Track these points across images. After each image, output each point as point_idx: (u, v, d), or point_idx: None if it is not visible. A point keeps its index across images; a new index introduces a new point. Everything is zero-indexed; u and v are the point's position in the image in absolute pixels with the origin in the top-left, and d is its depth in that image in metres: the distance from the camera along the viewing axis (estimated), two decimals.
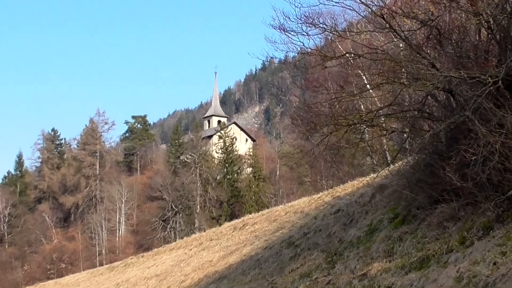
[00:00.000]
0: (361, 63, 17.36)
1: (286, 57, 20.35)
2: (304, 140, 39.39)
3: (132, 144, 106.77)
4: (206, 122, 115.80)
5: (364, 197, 22.95)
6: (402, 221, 16.65)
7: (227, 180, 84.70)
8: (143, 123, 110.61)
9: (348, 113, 16.93)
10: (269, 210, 41.55)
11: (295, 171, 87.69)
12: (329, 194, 33.05)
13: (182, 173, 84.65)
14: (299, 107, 21.30)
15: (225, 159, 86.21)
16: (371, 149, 28.94)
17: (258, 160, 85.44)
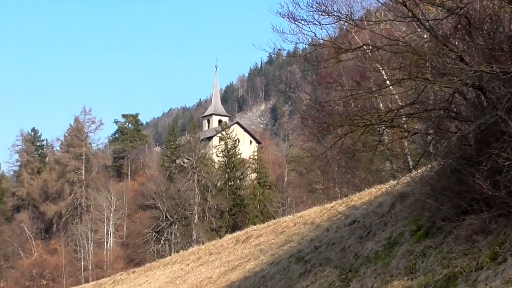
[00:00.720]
0: (380, 56, 17.33)
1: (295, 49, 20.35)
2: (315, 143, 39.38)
3: (122, 146, 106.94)
4: (205, 122, 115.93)
5: (383, 207, 22.90)
6: (425, 234, 16.61)
7: (228, 187, 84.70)
8: (134, 123, 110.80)
9: (365, 113, 16.91)
10: (275, 221, 41.52)
11: (305, 177, 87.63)
12: (343, 203, 33.00)
13: (178, 179, 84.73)
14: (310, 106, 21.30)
15: (227, 164, 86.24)
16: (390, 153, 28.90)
17: (263, 165, 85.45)
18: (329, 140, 20.53)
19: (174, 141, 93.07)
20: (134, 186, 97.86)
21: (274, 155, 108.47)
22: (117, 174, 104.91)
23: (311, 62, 18.08)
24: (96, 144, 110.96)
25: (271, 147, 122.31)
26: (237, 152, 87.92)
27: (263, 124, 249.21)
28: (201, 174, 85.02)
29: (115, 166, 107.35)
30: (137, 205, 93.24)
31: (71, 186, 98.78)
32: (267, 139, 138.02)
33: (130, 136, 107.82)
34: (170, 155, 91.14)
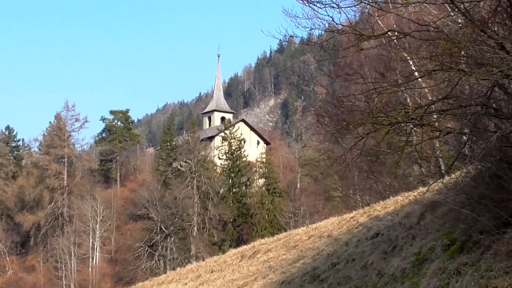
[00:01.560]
0: (408, 44, 17.32)
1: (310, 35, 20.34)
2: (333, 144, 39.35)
3: (110, 147, 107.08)
4: (206, 120, 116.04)
5: (411, 218, 22.88)
6: (460, 249, 16.60)
7: (232, 195, 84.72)
8: (124, 120, 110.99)
9: (390, 109, 16.90)
10: (287, 234, 41.53)
11: (321, 183, 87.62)
12: (364, 213, 33.00)
13: (174, 185, 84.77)
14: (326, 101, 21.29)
15: (231, 168, 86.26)
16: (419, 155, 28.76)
17: (273, 169, 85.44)
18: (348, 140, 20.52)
19: (170, 141, 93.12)
20: (123, 193, 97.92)
21: (285, 158, 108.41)
22: (104, 180, 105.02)
23: (328, 51, 18.07)
24: (80, 144, 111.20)
25: (282, 149, 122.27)
26: (243, 154, 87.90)
27: (273, 122, 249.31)
28: (201, 180, 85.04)
29: (102, 170, 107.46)
30: (127, 215, 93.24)
31: (51, 193, 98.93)
32: (277, 139, 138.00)
33: (119, 135, 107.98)
34: (166, 158, 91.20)
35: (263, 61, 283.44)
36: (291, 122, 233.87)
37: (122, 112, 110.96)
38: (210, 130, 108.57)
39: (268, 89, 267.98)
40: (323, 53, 18.62)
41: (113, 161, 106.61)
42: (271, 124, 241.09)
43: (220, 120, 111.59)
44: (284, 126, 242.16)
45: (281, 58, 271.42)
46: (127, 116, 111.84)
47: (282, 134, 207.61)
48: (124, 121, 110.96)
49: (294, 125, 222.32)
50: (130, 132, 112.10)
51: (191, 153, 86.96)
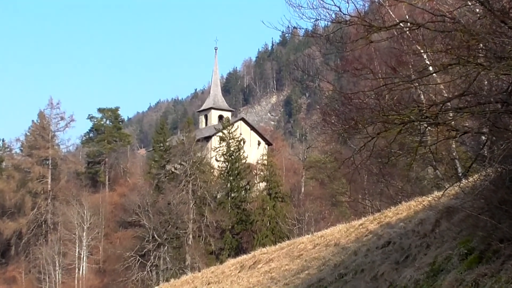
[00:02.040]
0: (422, 36, 17.32)
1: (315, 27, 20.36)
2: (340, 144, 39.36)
3: (98, 149, 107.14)
4: (202, 118, 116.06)
5: (425, 225, 22.87)
6: (478, 259, 16.59)
7: (231, 200, 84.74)
8: (113, 119, 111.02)
9: (402, 107, 16.90)
10: (290, 242, 41.54)
11: (328, 187, 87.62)
12: (375, 220, 33.02)
13: (168, 190, 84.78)
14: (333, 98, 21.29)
15: (229, 170, 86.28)
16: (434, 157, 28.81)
17: (275, 172, 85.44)
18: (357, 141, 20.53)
19: (163, 141, 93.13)
20: (113, 198, 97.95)
21: (288, 160, 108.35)
22: (91, 183, 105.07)
23: (335, 44, 18.07)
24: (65, 145, 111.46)
25: (285, 150, 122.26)
26: (242, 155, 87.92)
27: (275, 121, 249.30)
28: (197, 184, 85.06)
29: (89, 173, 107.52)
30: (116, 222, 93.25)
31: (34, 198, 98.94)
32: (280, 139, 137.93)
33: (108, 135, 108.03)
34: (158, 160, 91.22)
35: (264, 55, 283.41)
36: (295, 121, 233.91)
37: (111, 110, 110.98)
38: (206, 129, 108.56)
39: (270, 85, 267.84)
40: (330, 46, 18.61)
41: (101, 164, 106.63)
42: (273, 123, 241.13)
43: (218, 118, 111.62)
44: (287, 125, 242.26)
45: (283, 52, 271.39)
46: (116, 115, 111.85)
47: (285, 134, 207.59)
48: (113, 119, 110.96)
49: (298, 124, 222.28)
50: (120, 132, 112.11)
51: (186, 154, 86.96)
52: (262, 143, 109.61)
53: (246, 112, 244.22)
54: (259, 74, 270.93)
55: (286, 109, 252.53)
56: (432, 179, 42.34)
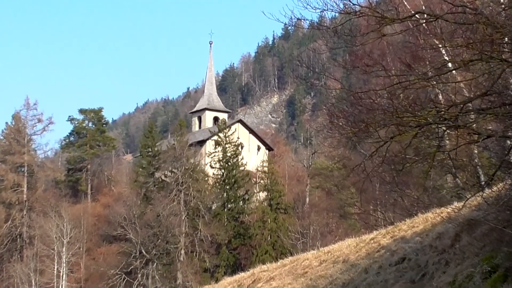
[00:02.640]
0: (440, 29, 17.33)
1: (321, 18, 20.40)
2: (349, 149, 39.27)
3: (80, 154, 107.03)
4: (195, 120, 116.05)
5: (444, 239, 22.84)
6: (503, 277, 16.57)
7: (228, 211, 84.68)
8: (96, 121, 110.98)
9: (418, 107, 16.91)
10: (293, 259, 41.53)
11: (335, 197, 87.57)
12: (388, 233, 33.00)
13: (157, 200, 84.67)
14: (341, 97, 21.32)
15: (225, 178, 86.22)
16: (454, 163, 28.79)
17: (276, 180, 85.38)
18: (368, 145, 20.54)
19: (151, 146, 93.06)
20: (96, 210, 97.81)
21: (291, 167, 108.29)
22: (72, 193, 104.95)
23: (343, 37, 18.08)
24: (43, 150, 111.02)
25: (287, 155, 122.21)
26: (240, 162, 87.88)
27: (276, 123, 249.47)
28: (189, 193, 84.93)
29: (69, 182, 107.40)
30: (100, 236, 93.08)
31: (7, 209, 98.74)
32: (282, 143, 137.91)
33: (90, 139, 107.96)
34: (147, 166, 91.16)
35: (264, 50, 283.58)
36: (299, 123, 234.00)
37: (93, 111, 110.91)
38: (200, 133, 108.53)
39: (271, 83, 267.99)
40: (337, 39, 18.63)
41: (83, 171, 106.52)
42: (274, 126, 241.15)
43: (213, 120, 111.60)
44: (290, 128, 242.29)
45: (286, 46, 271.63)
46: (99, 116, 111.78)
47: (288, 138, 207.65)
48: (96, 122, 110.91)
49: (302, 127, 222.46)
50: (104, 135, 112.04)
51: (178, 160, 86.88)
52: (262, 148, 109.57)
53: (244, 113, 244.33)
54: (259, 71, 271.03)
55: (288, 110, 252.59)
56: (451, 188, 42.30)
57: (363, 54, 20.09)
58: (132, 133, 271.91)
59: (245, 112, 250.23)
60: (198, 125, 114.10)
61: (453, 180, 40.93)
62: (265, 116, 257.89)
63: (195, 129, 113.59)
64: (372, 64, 18.76)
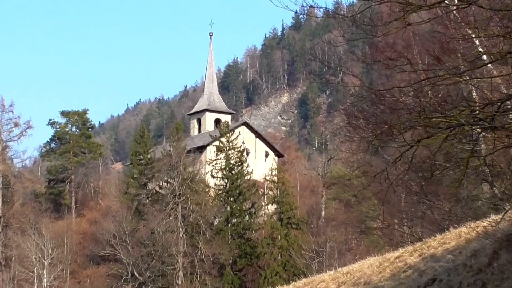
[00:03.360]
0: (473, 17, 17.34)
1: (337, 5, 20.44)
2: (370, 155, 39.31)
3: (62, 163, 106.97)
4: (194, 123, 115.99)
5: (480, 257, 22.83)
6: None
7: (232, 227, 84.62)
8: (81, 125, 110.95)
9: (449, 106, 16.92)
10: (308, 281, 41.53)
11: (354, 209, 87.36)
12: (415, 251, 32.98)
13: (151, 215, 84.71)
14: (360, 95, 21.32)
15: (229, 189, 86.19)
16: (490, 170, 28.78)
17: (287, 191, 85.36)
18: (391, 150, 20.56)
19: (144, 153, 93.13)
20: (81, 226, 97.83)
21: (304, 175, 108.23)
22: (54, 207, 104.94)
23: (363, 27, 18.10)
24: (20, 159, 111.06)
25: (300, 162, 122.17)
26: (245, 170, 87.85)
27: (287, 126, 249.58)
28: (188, 206, 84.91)
29: (50, 195, 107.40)
30: (86, 256, 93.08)
31: None
32: (293, 149, 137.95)
33: (74, 145, 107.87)
34: (139, 176, 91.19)
35: (272, 42, 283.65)
36: (312, 125, 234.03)
37: (77, 113, 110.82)
38: (200, 137, 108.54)
39: (280, 80, 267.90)
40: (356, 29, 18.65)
41: (66, 182, 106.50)
42: (285, 129, 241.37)
43: (214, 123, 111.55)
44: (302, 131, 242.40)
45: (297, 38, 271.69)
46: (84, 119, 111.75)
47: (300, 143, 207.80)
48: (80, 125, 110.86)
49: (316, 129, 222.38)
50: (90, 141, 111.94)
51: (174, 169, 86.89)
52: (270, 154, 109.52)
53: (250, 114, 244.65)
54: (266, 67, 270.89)
55: (301, 111, 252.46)
56: (488, 198, 42.24)
57: (385, 46, 20.09)
58: (122, 138, 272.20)
59: (251, 114, 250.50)
60: (198, 129, 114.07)
61: (489, 189, 40.87)
62: (273, 117, 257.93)
63: (194, 133, 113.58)
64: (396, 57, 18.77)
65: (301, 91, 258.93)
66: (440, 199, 44.32)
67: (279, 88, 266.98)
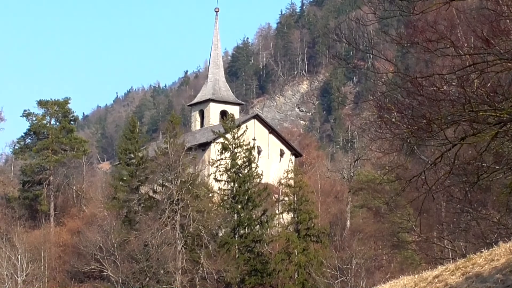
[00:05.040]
0: None
1: None
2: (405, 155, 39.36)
3: (39, 162, 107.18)
4: (195, 116, 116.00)
5: None
6: None
7: (239, 239, 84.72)
8: (62, 117, 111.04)
9: (499, 98, 16.95)
10: None
11: (385, 219, 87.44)
12: (457, 269, 33.02)
13: (144, 224, 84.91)
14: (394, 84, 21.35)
15: (236, 194, 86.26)
16: None
17: (306, 197, 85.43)
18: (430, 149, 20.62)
19: (135, 151, 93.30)
20: (61, 237, 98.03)
21: (326, 179, 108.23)
22: (29, 214, 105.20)
23: (398, 2, 18.14)
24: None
25: (321, 163, 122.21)
26: (256, 172, 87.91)
27: (306, 120, 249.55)
28: (188, 215, 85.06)
29: (25, 199, 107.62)
30: (67, 272, 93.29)
31: None
32: (313, 147, 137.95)
33: (53, 141, 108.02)
34: (129, 179, 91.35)
35: (289, 20, 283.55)
36: (336, 119, 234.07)
37: (57, 102, 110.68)
38: (202, 132, 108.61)
39: (299, 65, 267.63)
40: (390, 5, 18.69)
41: (43, 184, 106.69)
42: (304, 123, 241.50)
43: (220, 116, 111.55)
44: (324, 126, 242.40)
45: (319, 15, 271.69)
46: (66, 110, 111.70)
47: (322, 140, 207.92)
48: (61, 117, 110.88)
49: (341, 124, 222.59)
50: (72, 136, 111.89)
51: (171, 170, 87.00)
52: (286, 153, 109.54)
53: (262, 106, 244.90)
54: (282, 49, 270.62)
55: (323, 102, 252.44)
56: None
57: (424, 26, 20.10)
58: (110, 133, 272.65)
59: (264, 105, 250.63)
60: (200, 122, 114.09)
61: None
62: (290, 110, 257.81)
63: (196, 127, 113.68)
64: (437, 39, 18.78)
65: (323, 78, 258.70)
66: (488, 208, 44.36)
67: (297, 74, 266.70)
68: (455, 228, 59.66)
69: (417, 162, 37.09)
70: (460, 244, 56.05)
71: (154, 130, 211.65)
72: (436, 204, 50.30)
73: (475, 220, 47.48)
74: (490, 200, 41.69)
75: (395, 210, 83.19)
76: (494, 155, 20.12)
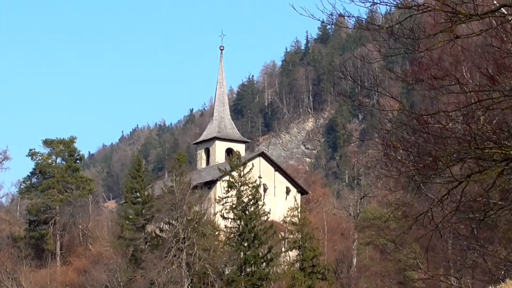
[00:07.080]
0: None
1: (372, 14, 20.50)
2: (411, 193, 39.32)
3: (45, 201, 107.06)
4: (201, 154, 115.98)
5: None
6: None
7: (246, 278, 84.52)
8: (67, 156, 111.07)
9: (505, 135, 16.92)
10: None
11: (392, 257, 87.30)
12: None
13: (150, 262, 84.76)
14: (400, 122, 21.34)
15: (242, 232, 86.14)
16: None
17: (311, 234, 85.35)
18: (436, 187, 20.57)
19: (141, 189, 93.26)
20: (67, 276, 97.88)
21: (332, 216, 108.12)
22: (35, 253, 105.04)
23: (402, 40, 18.15)
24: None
25: (327, 201, 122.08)
26: (262, 210, 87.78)
27: (312, 157, 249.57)
28: (194, 253, 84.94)
29: (31, 239, 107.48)
30: None
31: None
32: (319, 184, 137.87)
33: (58, 180, 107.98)
34: (135, 217, 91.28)
35: (294, 57, 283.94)
36: (342, 156, 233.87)
37: (63, 142, 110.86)
38: (208, 170, 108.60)
39: (304, 102, 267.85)
40: (394, 43, 18.70)
41: (49, 224, 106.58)
42: (309, 161, 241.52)
43: (225, 154, 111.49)
44: (330, 163, 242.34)
45: (324, 52, 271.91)
46: (71, 149, 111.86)
47: (328, 177, 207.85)
48: (67, 157, 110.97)
49: (346, 162, 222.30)
50: (77, 175, 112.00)
51: (177, 209, 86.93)
52: (292, 190, 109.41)
53: (268, 144, 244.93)
54: (288, 86, 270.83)
55: (328, 139, 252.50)
56: None
57: (429, 63, 20.11)
58: (116, 172, 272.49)
59: (269, 142, 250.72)
60: (206, 160, 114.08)
61: None
62: (296, 147, 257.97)
63: (202, 165, 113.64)
64: (442, 76, 18.79)
65: (328, 115, 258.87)
66: (495, 245, 44.27)
67: (302, 112, 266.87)
68: (461, 265, 59.55)
69: (423, 199, 37.09)
70: (467, 281, 55.94)
71: (160, 168, 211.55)
72: (443, 241, 50.18)
73: (482, 257, 47.41)
74: (497, 237, 41.61)
75: (401, 247, 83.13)
76: (501, 192, 20.06)
